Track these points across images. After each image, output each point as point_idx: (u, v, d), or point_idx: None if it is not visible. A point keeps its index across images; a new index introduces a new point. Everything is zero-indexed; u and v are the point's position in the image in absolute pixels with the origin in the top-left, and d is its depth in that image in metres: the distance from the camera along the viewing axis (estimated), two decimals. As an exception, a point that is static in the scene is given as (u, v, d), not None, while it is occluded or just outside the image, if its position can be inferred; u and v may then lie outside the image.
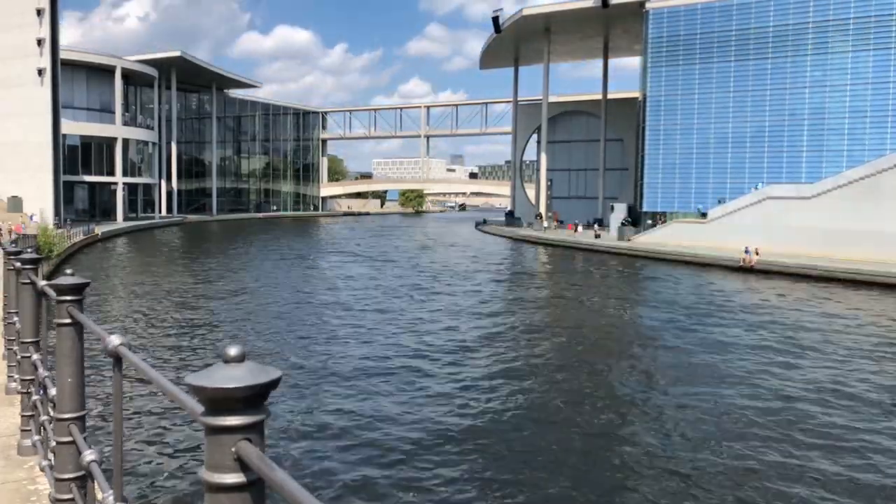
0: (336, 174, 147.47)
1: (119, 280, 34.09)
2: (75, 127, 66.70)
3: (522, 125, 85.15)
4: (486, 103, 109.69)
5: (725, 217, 48.60)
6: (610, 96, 76.03)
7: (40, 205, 52.69)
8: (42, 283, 4.18)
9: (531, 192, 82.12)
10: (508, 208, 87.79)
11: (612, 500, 10.43)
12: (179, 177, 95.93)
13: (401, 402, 14.69)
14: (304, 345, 20.14)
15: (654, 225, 54.22)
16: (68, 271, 3.69)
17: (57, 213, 54.02)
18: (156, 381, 1.88)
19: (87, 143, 70.17)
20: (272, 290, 30.70)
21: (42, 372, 4.29)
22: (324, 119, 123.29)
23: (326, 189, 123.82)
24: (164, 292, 29.59)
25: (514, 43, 72.81)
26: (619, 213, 59.27)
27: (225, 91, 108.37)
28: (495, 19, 67.90)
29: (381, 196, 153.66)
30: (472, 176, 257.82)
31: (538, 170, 74.34)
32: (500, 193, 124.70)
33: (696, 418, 13.89)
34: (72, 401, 3.22)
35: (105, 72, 72.90)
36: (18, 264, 5.23)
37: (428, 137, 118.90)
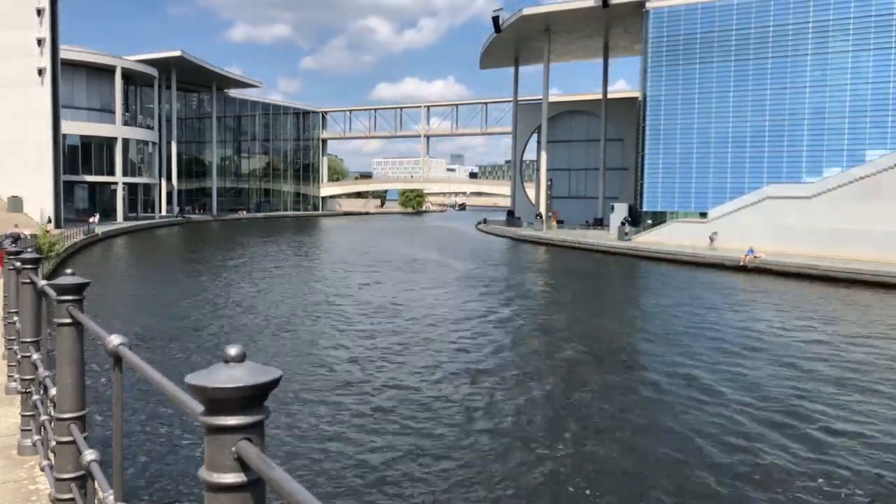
0: (336, 174, 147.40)
1: (119, 280, 34.09)
2: (75, 127, 66.66)
3: (522, 125, 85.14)
4: (487, 103, 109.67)
5: (725, 217, 48.61)
6: (610, 96, 76.04)
7: (40, 205, 52.67)
8: (42, 282, 4.18)
9: (531, 192, 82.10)
10: (509, 208, 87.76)
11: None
12: (179, 177, 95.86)
13: (402, 401, 14.68)
14: (302, 342, 20.15)
15: (654, 225, 54.22)
16: (68, 271, 3.69)
17: (57, 213, 53.99)
18: (156, 381, 1.88)
19: (87, 142, 70.15)
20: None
21: (42, 372, 4.29)
22: (324, 119, 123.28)
23: (326, 189, 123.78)
24: (163, 292, 29.60)
25: (513, 43, 72.78)
26: (619, 212, 59.25)
27: (225, 91, 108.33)
28: (495, 19, 67.86)
29: (382, 196, 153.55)
30: (472, 176, 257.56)
31: (538, 169, 74.30)
32: (500, 193, 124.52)
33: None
34: (72, 400, 3.22)
35: (105, 72, 72.87)
36: (18, 264, 5.23)
37: (428, 137, 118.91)
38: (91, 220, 56.96)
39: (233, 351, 1.40)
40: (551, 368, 17.92)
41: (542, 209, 70.22)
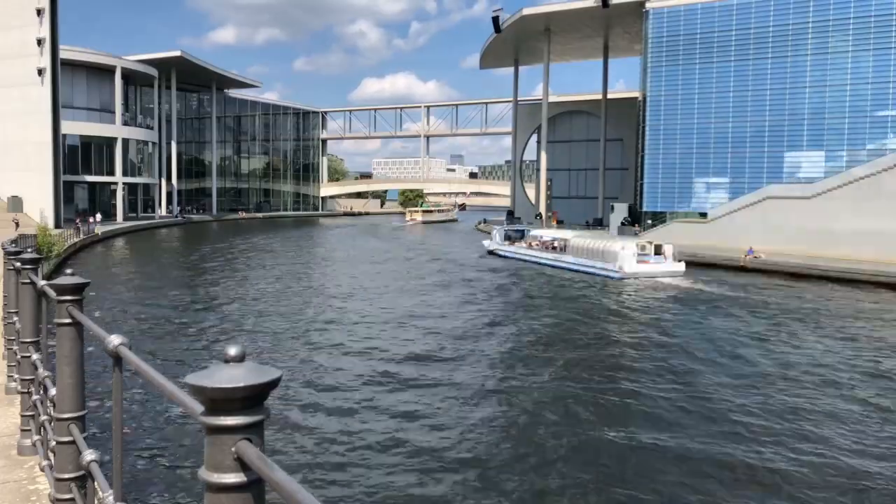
0: (336, 174, 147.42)
1: (120, 280, 34.08)
2: (75, 127, 66.64)
3: (522, 125, 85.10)
4: (487, 103, 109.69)
5: (725, 217, 48.58)
6: (610, 96, 76.00)
7: (40, 205, 52.66)
8: (42, 282, 4.18)
9: (531, 192, 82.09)
10: (508, 208, 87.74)
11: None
12: (179, 177, 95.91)
13: (402, 399, 14.68)
14: (302, 340, 20.13)
15: (654, 225, 54.18)
16: (68, 271, 3.69)
17: (57, 213, 53.98)
18: (156, 381, 1.88)
19: (87, 142, 70.13)
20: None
21: (42, 372, 4.29)
22: (324, 119, 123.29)
23: (326, 189, 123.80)
24: (164, 291, 29.58)
25: (513, 43, 72.73)
26: (619, 213, 59.22)
27: (225, 91, 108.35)
28: (495, 19, 67.82)
29: (381, 196, 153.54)
30: (472, 176, 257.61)
31: (538, 170, 74.30)
32: (500, 193, 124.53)
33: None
34: (72, 401, 3.22)
35: (105, 72, 72.85)
36: (18, 264, 5.22)
37: (428, 137, 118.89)
38: (91, 220, 56.99)
39: (233, 351, 1.40)
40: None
41: (542, 209, 70.19)
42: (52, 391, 3.51)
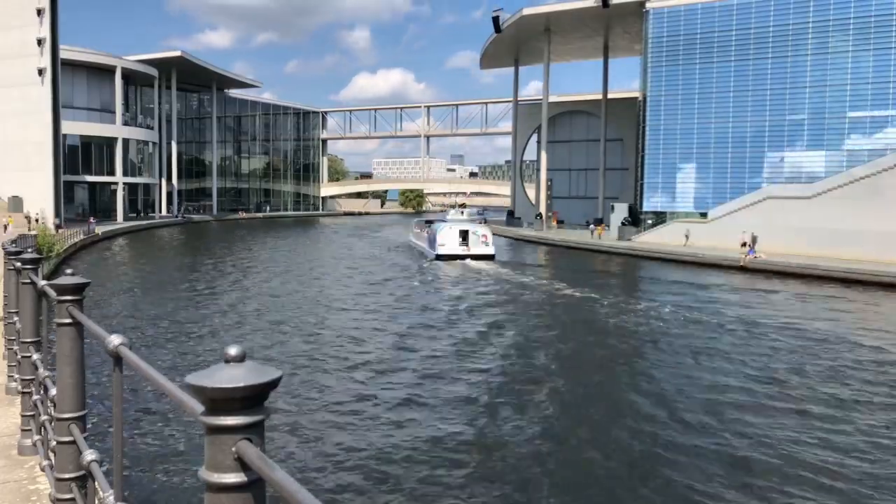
0: (336, 174, 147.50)
1: (120, 279, 34.09)
2: (75, 127, 66.68)
3: (522, 125, 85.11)
4: (486, 103, 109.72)
5: (726, 217, 48.59)
6: (610, 96, 75.99)
7: (40, 205, 52.67)
8: (42, 282, 4.18)
9: (531, 192, 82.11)
10: (509, 208, 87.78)
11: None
12: (179, 177, 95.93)
13: (403, 398, 14.69)
14: (303, 337, 20.14)
15: (654, 225, 54.19)
16: (68, 271, 3.69)
17: (57, 213, 53.98)
18: (156, 380, 1.88)
19: (87, 143, 70.20)
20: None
21: (42, 372, 4.29)
22: (324, 119, 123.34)
23: (326, 189, 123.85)
24: (164, 291, 29.59)
25: (514, 43, 72.76)
26: (620, 213, 59.22)
27: (225, 91, 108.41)
28: (495, 19, 67.82)
29: (382, 196, 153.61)
30: (473, 176, 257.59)
31: (538, 170, 74.30)
32: (500, 193, 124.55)
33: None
34: (72, 400, 3.22)
35: (105, 72, 72.89)
36: (19, 264, 5.22)
37: (428, 137, 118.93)
38: (91, 220, 57.30)
39: (233, 351, 1.40)
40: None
41: (543, 209, 70.19)
42: (53, 391, 3.51)
